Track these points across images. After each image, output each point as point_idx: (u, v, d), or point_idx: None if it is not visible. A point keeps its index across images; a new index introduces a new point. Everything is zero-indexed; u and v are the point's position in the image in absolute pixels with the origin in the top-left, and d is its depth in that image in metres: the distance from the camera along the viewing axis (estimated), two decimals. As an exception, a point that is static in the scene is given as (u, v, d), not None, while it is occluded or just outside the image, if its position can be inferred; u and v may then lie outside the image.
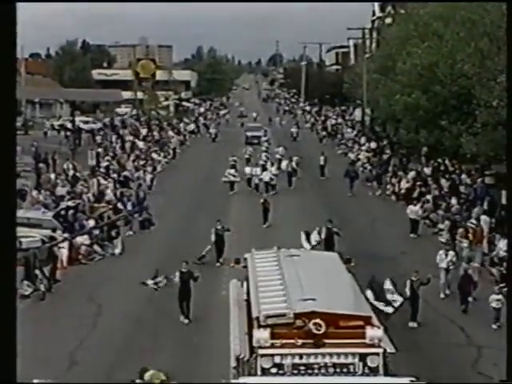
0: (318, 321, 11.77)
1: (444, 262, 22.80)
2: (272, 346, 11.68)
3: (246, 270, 16.10)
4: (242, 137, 65.56)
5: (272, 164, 43.02)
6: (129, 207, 32.62)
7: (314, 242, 25.21)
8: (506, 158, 16.61)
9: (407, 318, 20.00)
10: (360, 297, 14.17)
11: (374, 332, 11.84)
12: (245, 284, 15.92)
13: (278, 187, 39.88)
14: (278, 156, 47.65)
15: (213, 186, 40.69)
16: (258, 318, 12.31)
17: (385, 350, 11.86)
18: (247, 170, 41.68)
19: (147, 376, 14.44)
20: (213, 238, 25.87)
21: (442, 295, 22.43)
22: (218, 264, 25.35)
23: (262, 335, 11.71)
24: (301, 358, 11.74)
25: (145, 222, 31.16)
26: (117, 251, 27.77)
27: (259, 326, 12.03)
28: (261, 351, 11.69)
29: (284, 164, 43.46)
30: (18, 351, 7.70)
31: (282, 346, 11.71)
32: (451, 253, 23.14)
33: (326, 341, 11.72)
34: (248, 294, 14.54)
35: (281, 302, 12.64)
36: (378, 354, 11.73)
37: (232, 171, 40.81)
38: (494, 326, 19.86)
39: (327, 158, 46.82)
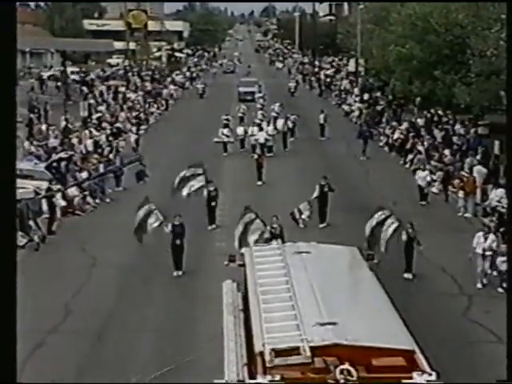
0: (346, 367, 8.81)
1: (480, 246, 19.43)
2: None
3: (243, 269, 13.22)
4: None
5: (268, 123, 39.61)
6: (117, 162, 31.86)
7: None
8: (506, 108, 16.30)
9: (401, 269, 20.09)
10: (393, 314, 10.74)
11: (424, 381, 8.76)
12: (242, 287, 13.13)
13: (275, 149, 37.42)
14: (273, 114, 43.86)
15: (205, 144, 38.57)
16: (262, 355, 9.30)
17: None
18: (239, 130, 38.51)
19: None
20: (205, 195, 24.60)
21: (478, 285, 19.37)
22: (209, 227, 24.51)
23: None
24: None
25: (140, 173, 30.90)
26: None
27: (265, 369, 9.04)
28: None
29: (280, 123, 39.86)
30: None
31: None
32: (491, 236, 19.48)
33: None
34: (246, 305, 11.69)
35: (291, 327, 9.73)
36: None
37: (225, 131, 38.09)
38: (500, 290, 18.71)
39: (327, 116, 43.63)
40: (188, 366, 14.19)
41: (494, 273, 19.32)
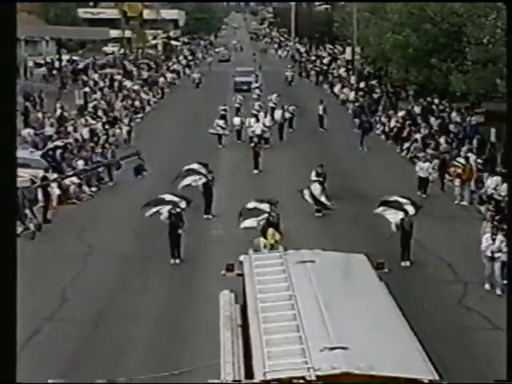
0: None
1: (489, 249, 18.32)
2: None
3: (242, 279, 12.03)
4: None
5: (265, 114, 38.10)
6: (109, 155, 31.39)
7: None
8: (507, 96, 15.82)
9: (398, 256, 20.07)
10: (410, 336, 9.48)
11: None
12: (241, 299, 11.99)
13: (272, 140, 36.41)
14: (271, 104, 42.90)
15: (202, 134, 37.76)
16: None
17: None
18: (236, 120, 37.70)
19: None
20: (200, 188, 24.44)
21: (486, 286, 18.35)
22: (205, 216, 24.35)
23: None
24: None
25: (138, 167, 30.55)
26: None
27: None
28: None
29: (278, 114, 38.83)
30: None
31: None
32: (499, 237, 18.25)
33: None
34: (245, 321, 10.65)
35: (295, 352, 8.71)
36: None
37: (221, 122, 36.68)
38: (505, 282, 17.75)
39: (326, 106, 42.45)
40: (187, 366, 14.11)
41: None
